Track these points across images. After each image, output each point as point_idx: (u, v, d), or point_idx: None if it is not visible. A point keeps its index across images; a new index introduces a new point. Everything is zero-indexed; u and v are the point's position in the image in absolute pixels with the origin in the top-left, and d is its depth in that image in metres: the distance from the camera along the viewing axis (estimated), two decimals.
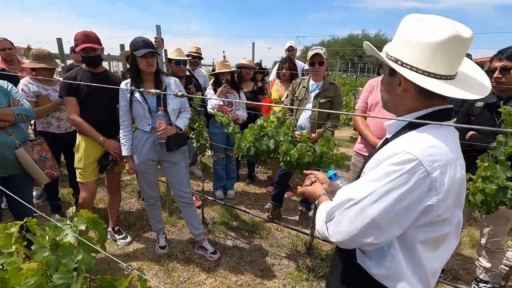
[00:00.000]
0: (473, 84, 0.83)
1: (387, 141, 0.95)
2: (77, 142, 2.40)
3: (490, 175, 1.46)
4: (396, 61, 0.84)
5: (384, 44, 0.97)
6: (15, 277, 0.61)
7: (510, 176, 1.45)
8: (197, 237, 2.54)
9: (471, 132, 1.90)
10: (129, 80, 2.24)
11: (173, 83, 2.33)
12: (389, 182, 0.77)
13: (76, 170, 2.40)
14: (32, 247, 0.68)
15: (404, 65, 0.82)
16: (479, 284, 2.14)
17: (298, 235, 2.84)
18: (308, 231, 2.58)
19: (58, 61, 2.95)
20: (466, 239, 2.93)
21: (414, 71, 0.81)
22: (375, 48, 0.90)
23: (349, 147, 6.08)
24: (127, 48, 3.41)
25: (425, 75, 0.80)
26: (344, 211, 0.83)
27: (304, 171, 1.24)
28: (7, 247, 0.89)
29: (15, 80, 2.68)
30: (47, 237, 0.68)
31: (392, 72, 0.87)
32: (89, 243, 0.66)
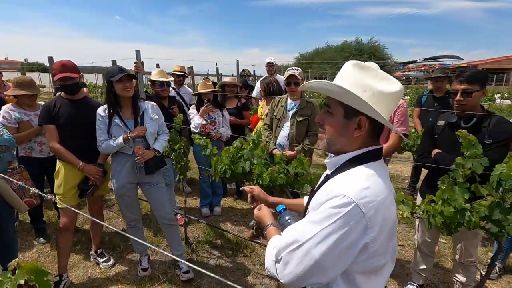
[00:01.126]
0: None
1: (327, 177, 1.00)
2: (56, 168, 2.43)
3: (447, 198, 1.50)
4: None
5: (377, 51, 1.04)
6: None
7: (468, 198, 1.50)
8: (178, 256, 2.56)
9: (436, 150, 1.96)
10: (106, 106, 2.29)
11: (150, 108, 2.39)
12: (330, 225, 0.82)
13: (56, 196, 2.43)
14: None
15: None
16: None
17: None
18: None
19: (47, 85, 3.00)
20: (448, 251, 2.96)
21: (375, 114, 0.87)
22: (345, 87, 0.89)
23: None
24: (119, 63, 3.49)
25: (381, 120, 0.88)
26: (290, 253, 0.87)
27: (242, 188, 1.31)
28: None
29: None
30: None
31: (349, 115, 0.91)
32: None
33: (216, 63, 10.14)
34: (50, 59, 7.14)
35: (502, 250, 1.65)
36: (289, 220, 1.07)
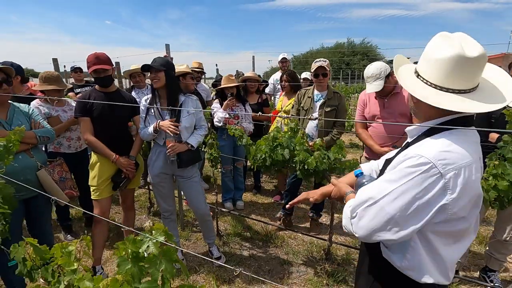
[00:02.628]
0: (491, 95, 0.89)
1: (408, 144, 1.04)
2: (91, 160, 2.42)
3: (501, 172, 1.56)
4: (421, 78, 0.94)
5: (370, 51, 1.10)
6: (112, 284, 0.66)
7: None
8: (210, 245, 2.63)
9: (494, 135, 1.98)
10: (149, 96, 2.32)
11: (189, 101, 2.38)
12: (405, 182, 0.85)
13: (91, 188, 2.41)
14: (117, 258, 0.73)
15: (427, 82, 0.91)
16: (488, 273, 2.24)
17: (313, 241, 2.89)
18: (326, 237, 2.63)
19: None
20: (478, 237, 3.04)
21: (429, 85, 0.91)
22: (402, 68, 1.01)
23: (349, 152, 6.21)
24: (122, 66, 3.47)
25: (439, 89, 0.89)
26: (366, 209, 0.92)
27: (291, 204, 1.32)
28: (69, 265, 0.93)
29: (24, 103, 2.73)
30: (129, 251, 0.73)
31: None
32: (170, 253, 0.71)
33: (216, 64, 10.16)
34: (55, 61, 7.09)
35: None
36: (366, 183, 1.10)
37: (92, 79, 5.98)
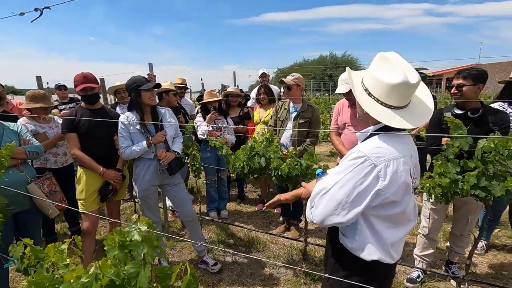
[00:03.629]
0: (418, 110, 1.14)
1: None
2: (78, 175, 2.53)
3: (443, 171, 1.80)
4: (366, 90, 1.15)
5: (351, 64, 1.32)
6: (103, 267, 0.81)
7: (459, 171, 1.81)
8: (200, 252, 2.71)
9: (446, 138, 2.23)
10: (128, 114, 2.45)
11: (167, 113, 2.58)
12: (348, 173, 1.07)
13: (78, 201, 2.52)
14: (105, 248, 0.88)
15: (370, 95, 1.14)
16: (449, 265, 2.47)
17: (293, 245, 3.06)
18: (302, 239, 2.81)
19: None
20: (440, 234, 3.28)
21: (372, 97, 1.13)
22: (353, 75, 1.22)
23: (329, 161, 6.48)
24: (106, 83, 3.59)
25: (380, 103, 1.12)
26: (320, 198, 1.13)
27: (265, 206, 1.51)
28: (62, 261, 1.08)
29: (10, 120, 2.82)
30: (116, 239, 0.88)
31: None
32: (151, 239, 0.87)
33: (201, 79, 10.41)
34: (38, 78, 7.14)
35: (490, 212, 1.95)
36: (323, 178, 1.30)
37: (76, 96, 6.07)
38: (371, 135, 1.17)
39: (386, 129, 1.15)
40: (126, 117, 2.43)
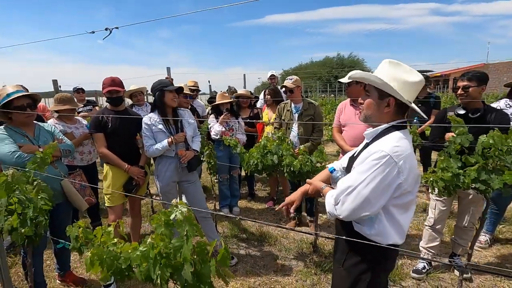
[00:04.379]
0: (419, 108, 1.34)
1: (367, 145, 1.40)
2: (104, 171, 2.73)
3: (446, 166, 1.94)
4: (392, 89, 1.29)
5: (357, 64, 1.46)
6: (156, 239, 0.98)
7: (460, 166, 1.94)
8: (217, 246, 2.86)
9: (450, 134, 2.37)
10: (151, 115, 2.64)
11: (186, 114, 2.77)
12: (373, 171, 1.20)
13: (105, 196, 2.72)
14: (153, 225, 1.06)
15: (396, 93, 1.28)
16: (454, 257, 2.59)
17: (303, 239, 3.21)
18: (312, 231, 2.96)
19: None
20: (445, 230, 3.40)
21: (401, 97, 1.28)
22: (384, 80, 1.29)
23: (336, 160, 6.60)
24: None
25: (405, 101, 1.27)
26: (346, 195, 1.24)
27: (279, 208, 1.55)
28: (110, 241, 1.26)
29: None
30: (162, 219, 1.06)
31: (382, 96, 1.31)
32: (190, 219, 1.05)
33: (209, 81, 10.65)
34: (55, 82, 7.44)
35: (489, 205, 2.07)
36: (340, 176, 1.44)
37: (93, 99, 6.32)
38: (383, 133, 1.31)
39: (396, 127, 1.30)
40: (149, 118, 2.62)
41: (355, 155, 1.45)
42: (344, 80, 2.63)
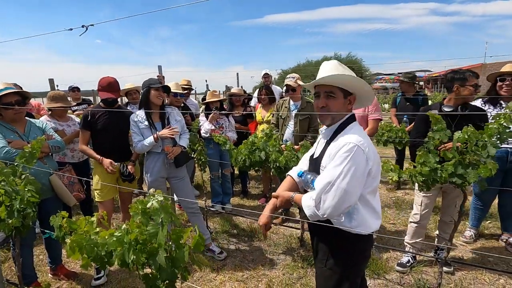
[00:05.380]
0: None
1: (328, 143, 1.42)
2: (94, 167, 2.78)
3: (424, 161, 2.00)
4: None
5: (356, 64, 1.55)
6: (131, 226, 1.03)
7: (438, 161, 2.00)
8: (205, 241, 2.92)
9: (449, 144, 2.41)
10: (138, 112, 2.69)
11: (174, 112, 2.82)
12: (347, 163, 1.26)
13: (95, 192, 2.76)
14: (131, 213, 1.11)
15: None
16: (438, 252, 2.65)
17: (292, 234, 3.27)
18: (299, 226, 3.02)
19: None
20: (432, 225, 3.46)
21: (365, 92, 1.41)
22: (362, 80, 1.39)
23: None
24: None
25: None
26: (326, 193, 1.27)
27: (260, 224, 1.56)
28: (92, 230, 1.31)
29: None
30: (139, 207, 1.11)
31: (346, 96, 1.40)
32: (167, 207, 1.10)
33: (206, 80, 10.68)
34: (51, 81, 7.48)
35: (466, 198, 2.12)
36: (311, 178, 1.42)
37: (88, 98, 6.33)
38: (340, 129, 1.39)
39: (351, 119, 1.43)
40: (136, 115, 2.67)
41: (316, 156, 1.49)
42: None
